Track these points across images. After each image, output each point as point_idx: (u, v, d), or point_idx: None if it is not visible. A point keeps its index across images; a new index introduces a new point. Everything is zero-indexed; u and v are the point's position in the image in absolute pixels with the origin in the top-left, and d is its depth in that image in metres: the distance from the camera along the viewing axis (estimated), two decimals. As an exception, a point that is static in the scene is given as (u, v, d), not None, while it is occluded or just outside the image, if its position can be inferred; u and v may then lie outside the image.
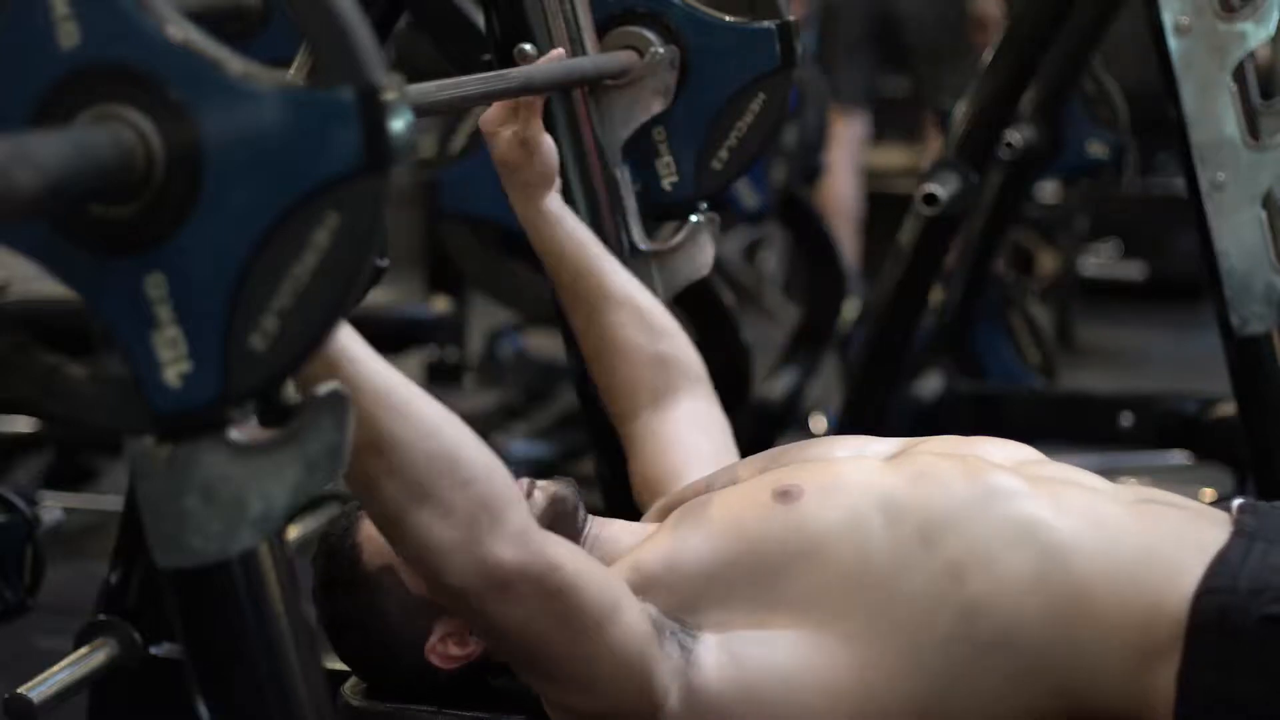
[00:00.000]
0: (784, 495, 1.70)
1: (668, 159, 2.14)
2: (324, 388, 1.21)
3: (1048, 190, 5.39)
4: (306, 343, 1.19)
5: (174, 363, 1.19)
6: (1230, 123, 2.28)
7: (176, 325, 1.19)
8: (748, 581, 1.67)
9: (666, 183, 2.13)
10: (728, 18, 2.14)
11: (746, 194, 3.74)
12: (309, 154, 1.15)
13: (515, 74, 1.91)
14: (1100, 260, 6.56)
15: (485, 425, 4.35)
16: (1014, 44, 3.15)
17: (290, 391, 1.30)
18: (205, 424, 1.20)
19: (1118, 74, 3.62)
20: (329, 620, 1.79)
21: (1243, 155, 2.28)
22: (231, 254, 1.17)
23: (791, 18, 2.14)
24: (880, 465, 1.75)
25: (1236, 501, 1.76)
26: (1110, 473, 1.79)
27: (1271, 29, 2.28)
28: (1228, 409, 3.17)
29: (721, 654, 1.65)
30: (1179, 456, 3.64)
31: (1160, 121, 2.40)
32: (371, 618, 1.75)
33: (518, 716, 1.76)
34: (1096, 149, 3.60)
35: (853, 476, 1.72)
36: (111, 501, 3.41)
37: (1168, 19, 2.29)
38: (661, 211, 2.21)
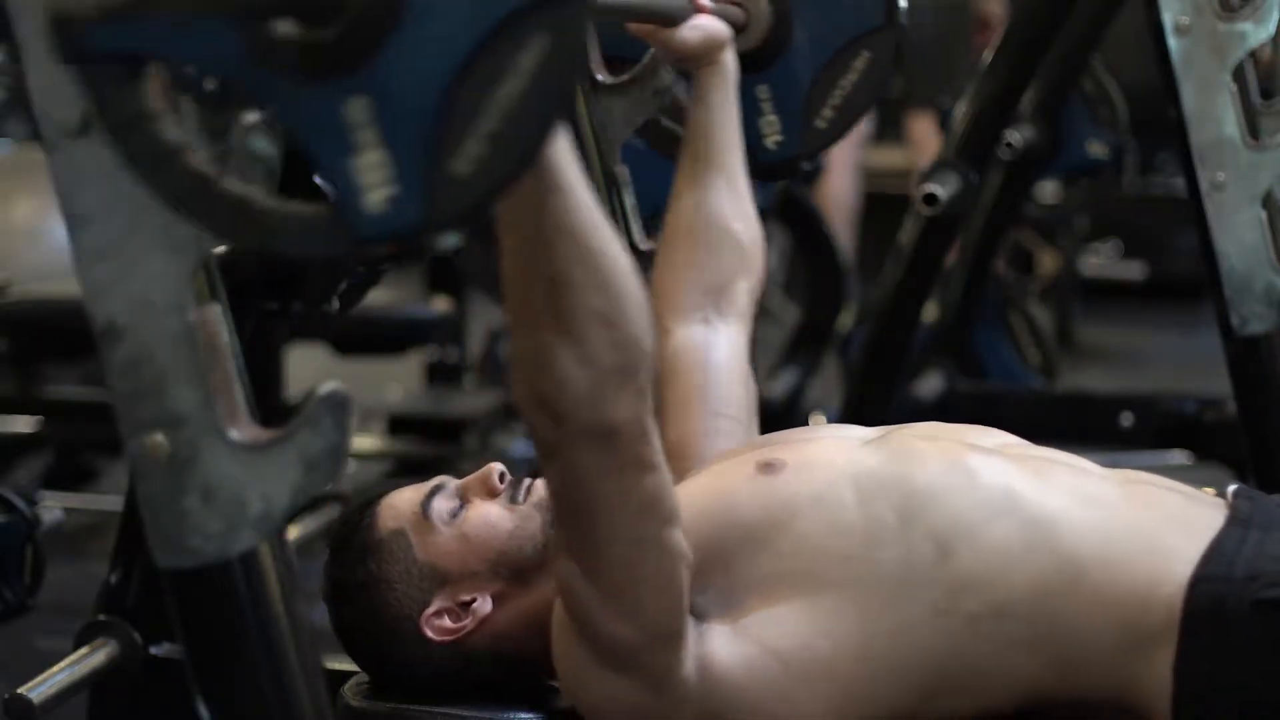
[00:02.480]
0: (767, 467, 1.73)
1: (771, 118, 2.11)
2: (324, 387, 1.20)
3: (1048, 190, 5.40)
4: (512, 167, 1.15)
5: (376, 187, 1.15)
6: (1230, 123, 2.28)
7: (380, 149, 1.15)
8: (738, 548, 1.68)
9: (770, 141, 2.09)
10: None
11: (746, 194, 3.72)
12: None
13: None
14: (1100, 260, 6.56)
15: (485, 425, 4.34)
16: (1014, 44, 3.15)
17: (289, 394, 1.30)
18: (408, 248, 1.17)
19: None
20: (333, 589, 1.79)
21: (1243, 155, 2.28)
22: (436, 76, 1.13)
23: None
24: (860, 445, 1.77)
25: (1232, 487, 1.76)
26: (1110, 473, 1.80)
27: (1271, 29, 2.28)
28: (1227, 409, 3.17)
29: (725, 628, 1.66)
30: (1179, 456, 3.65)
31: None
32: (375, 583, 1.75)
33: (518, 716, 1.77)
34: (1096, 149, 3.60)
35: (831, 454, 1.75)
36: (111, 501, 3.41)
37: (1168, 19, 2.29)
38: (767, 171, 2.15)
